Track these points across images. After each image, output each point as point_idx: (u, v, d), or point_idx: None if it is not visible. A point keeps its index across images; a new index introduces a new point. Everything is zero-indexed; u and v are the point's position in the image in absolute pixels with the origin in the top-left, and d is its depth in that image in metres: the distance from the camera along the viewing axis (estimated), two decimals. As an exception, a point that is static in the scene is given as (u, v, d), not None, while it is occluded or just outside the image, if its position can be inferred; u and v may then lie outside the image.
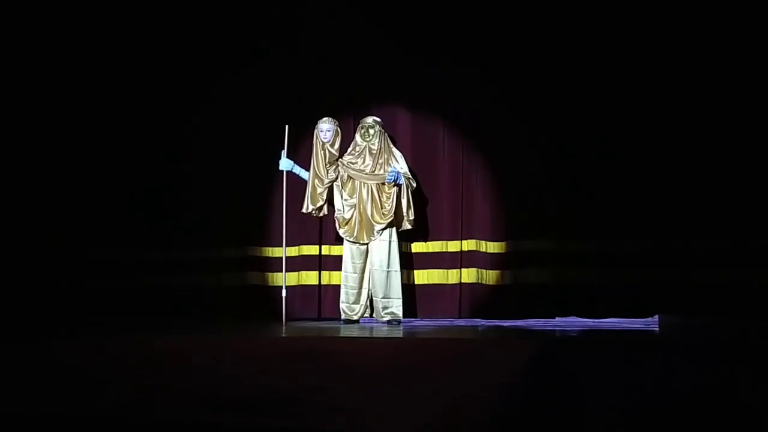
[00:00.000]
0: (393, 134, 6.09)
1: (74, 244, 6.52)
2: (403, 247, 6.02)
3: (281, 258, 5.99)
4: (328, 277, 6.22)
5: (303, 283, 6.27)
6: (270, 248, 6.36)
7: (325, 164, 5.85)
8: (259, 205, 6.36)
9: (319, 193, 5.84)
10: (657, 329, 5.39)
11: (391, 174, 5.70)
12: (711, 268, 5.39)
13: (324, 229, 6.21)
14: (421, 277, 6.10)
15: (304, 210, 5.90)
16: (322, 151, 5.84)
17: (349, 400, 2.14)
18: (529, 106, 5.89)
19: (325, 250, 6.27)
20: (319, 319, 6.17)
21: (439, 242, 6.11)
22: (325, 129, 5.86)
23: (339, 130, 5.91)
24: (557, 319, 5.85)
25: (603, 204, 5.69)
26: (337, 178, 5.87)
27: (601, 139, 5.72)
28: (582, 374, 3.29)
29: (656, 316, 5.59)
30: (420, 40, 6.14)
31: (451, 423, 1.74)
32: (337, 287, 5.99)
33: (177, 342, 4.22)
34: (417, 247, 6.13)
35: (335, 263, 6.07)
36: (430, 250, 6.12)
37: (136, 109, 6.57)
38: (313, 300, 6.24)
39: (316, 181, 5.85)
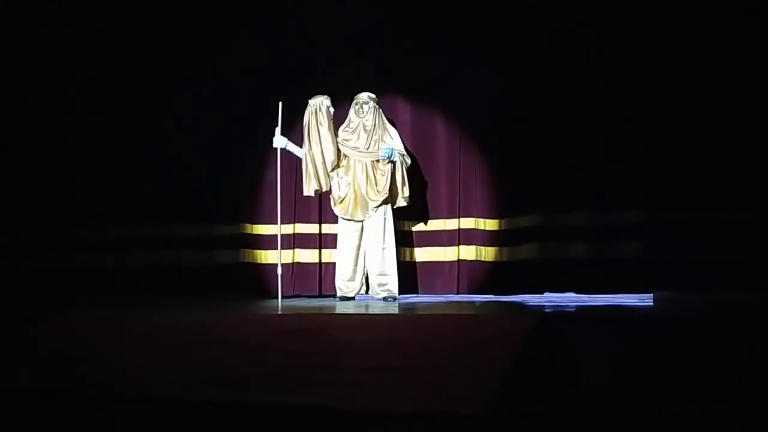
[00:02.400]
0: (391, 113, 6.07)
1: (65, 221, 6.54)
2: (403, 225, 6.04)
3: (274, 236, 5.99)
4: (329, 255, 6.24)
5: (297, 260, 6.28)
6: (262, 226, 6.37)
7: (336, 140, 5.76)
8: (252, 183, 6.36)
9: (332, 171, 5.76)
10: (652, 304, 5.40)
11: (384, 151, 5.67)
12: (707, 241, 5.38)
13: (323, 208, 6.21)
14: (421, 254, 6.13)
15: (310, 192, 5.80)
16: (331, 128, 5.75)
17: (345, 376, 2.13)
18: (521, 85, 5.88)
19: (325, 228, 6.29)
20: (317, 296, 6.20)
21: (437, 220, 6.14)
22: (329, 104, 5.77)
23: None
24: (553, 294, 5.87)
25: (597, 178, 5.69)
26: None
27: (593, 112, 5.70)
28: (578, 349, 3.30)
29: (651, 292, 5.60)
30: (419, 20, 6.12)
31: (447, 396, 1.74)
32: (334, 264, 6.01)
33: (171, 319, 4.21)
34: (416, 225, 6.16)
35: (335, 241, 6.07)
36: (429, 229, 6.14)
37: (134, 86, 6.54)
38: (307, 277, 6.27)
39: (327, 158, 5.75)
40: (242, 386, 1.89)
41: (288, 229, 6.25)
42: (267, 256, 6.32)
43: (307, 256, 6.31)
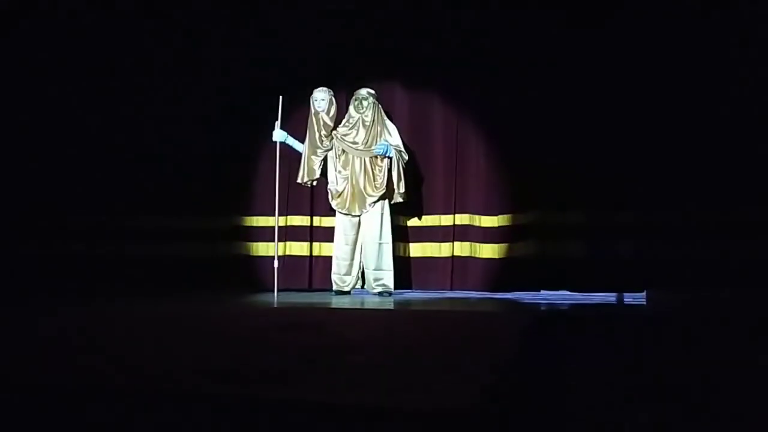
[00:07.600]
0: (389, 108, 6.08)
1: (63, 211, 6.54)
2: (399, 220, 6.06)
3: (266, 228, 6.01)
4: (319, 249, 6.25)
5: (289, 253, 6.28)
6: (255, 218, 6.37)
7: (320, 134, 5.85)
8: (246, 175, 6.36)
9: (315, 165, 5.86)
10: (644, 303, 5.44)
11: (380, 147, 5.71)
12: (699, 240, 5.40)
13: (315, 200, 6.23)
14: (415, 250, 6.15)
15: (299, 180, 5.92)
16: (316, 120, 5.85)
17: (341, 371, 2.17)
18: (520, 81, 5.89)
19: (316, 221, 6.30)
20: (307, 290, 6.21)
21: (433, 216, 6.15)
22: (320, 98, 5.85)
23: (333, 99, 5.90)
24: (547, 292, 5.90)
25: (593, 177, 5.70)
26: (331, 149, 5.88)
27: (592, 112, 5.71)
28: (570, 347, 3.33)
29: (644, 291, 5.63)
30: (417, 10, 6.13)
31: (441, 393, 1.78)
32: (327, 258, 6.04)
33: (165, 313, 4.23)
34: (411, 220, 6.17)
35: (326, 234, 6.09)
36: (424, 224, 6.16)
37: (130, 78, 6.54)
38: (298, 271, 6.27)
39: (312, 151, 5.86)
40: (240, 381, 1.92)
41: (280, 221, 6.27)
42: (259, 249, 6.33)
43: (297, 249, 6.31)
